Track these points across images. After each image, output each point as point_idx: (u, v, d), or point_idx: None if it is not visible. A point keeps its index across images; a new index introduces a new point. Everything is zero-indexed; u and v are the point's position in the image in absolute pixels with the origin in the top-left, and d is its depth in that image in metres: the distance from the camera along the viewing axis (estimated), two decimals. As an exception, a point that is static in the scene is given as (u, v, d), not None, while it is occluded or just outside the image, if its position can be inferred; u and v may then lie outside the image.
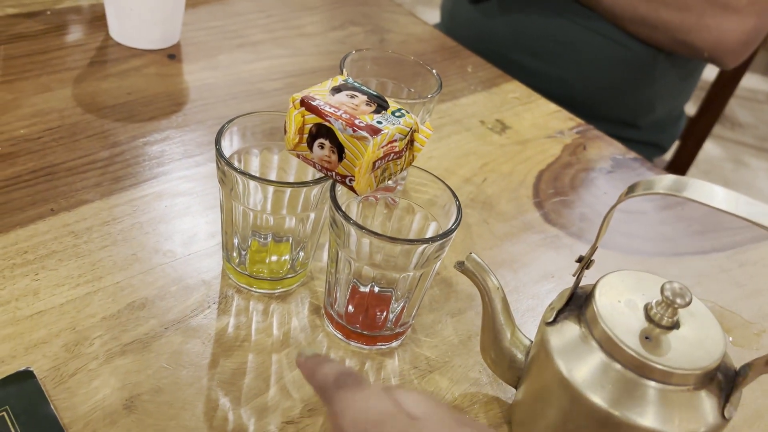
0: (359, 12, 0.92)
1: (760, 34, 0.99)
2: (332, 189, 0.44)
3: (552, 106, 0.81)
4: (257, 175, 0.50)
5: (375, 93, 0.42)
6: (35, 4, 0.77)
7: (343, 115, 0.40)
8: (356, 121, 0.39)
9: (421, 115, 0.57)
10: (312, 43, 0.83)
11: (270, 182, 0.44)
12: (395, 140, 0.41)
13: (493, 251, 0.58)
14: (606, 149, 0.75)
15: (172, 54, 0.75)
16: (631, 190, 0.37)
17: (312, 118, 0.40)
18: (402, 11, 0.95)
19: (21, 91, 0.64)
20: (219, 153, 0.44)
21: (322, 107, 0.40)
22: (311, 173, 0.53)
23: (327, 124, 0.40)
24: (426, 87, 0.59)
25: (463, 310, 0.52)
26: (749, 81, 3.01)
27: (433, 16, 2.37)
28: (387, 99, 0.42)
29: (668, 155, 1.48)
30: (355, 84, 0.43)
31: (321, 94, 0.41)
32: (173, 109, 0.66)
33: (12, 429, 0.38)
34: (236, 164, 0.46)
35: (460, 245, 0.58)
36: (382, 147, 0.40)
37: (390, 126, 0.40)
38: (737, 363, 0.39)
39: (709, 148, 2.60)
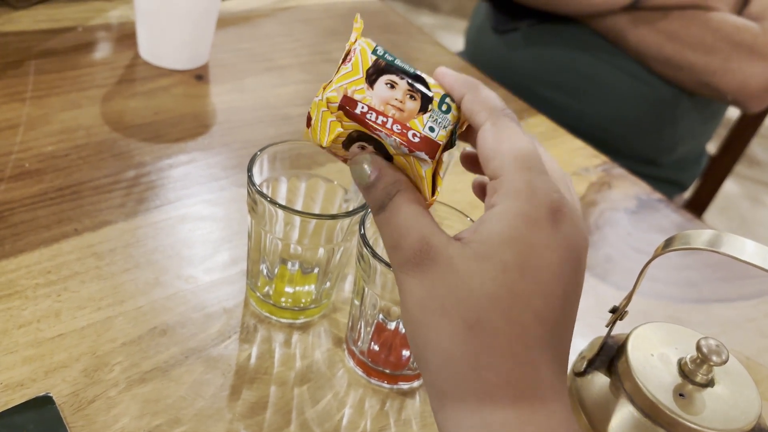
0: (386, 40, 0.92)
1: (785, 80, 0.99)
2: (362, 223, 0.43)
3: (577, 143, 0.81)
4: (284, 203, 0.50)
5: (411, 71, 0.35)
6: (67, 20, 0.77)
7: (395, 128, 0.33)
8: (410, 135, 0.33)
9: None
10: (339, 70, 0.83)
11: (302, 214, 0.44)
12: (447, 142, 0.35)
13: (517, 290, 0.57)
14: (631, 189, 0.75)
15: (200, 75, 0.75)
16: (668, 244, 0.36)
17: (353, 125, 0.34)
18: (429, 40, 0.96)
19: (50, 107, 0.64)
20: (251, 182, 0.44)
21: (369, 118, 0.33)
22: (338, 202, 0.52)
23: (376, 137, 0.34)
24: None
25: (486, 350, 0.51)
26: (768, 119, 3.00)
27: (454, 41, 2.37)
28: (425, 78, 0.36)
29: (687, 193, 1.48)
30: (389, 60, 0.35)
31: (358, 87, 0.34)
32: (199, 131, 0.66)
33: (29, 456, 0.37)
34: (265, 191, 0.45)
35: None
36: (440, 160, 0.35)
37: (443, 131, 0.34)
38: (765, 416, 0.38)
39: (727, 186, 2.58)
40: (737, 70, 0.97)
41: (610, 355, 0.39)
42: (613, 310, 0.39)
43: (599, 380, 0.38)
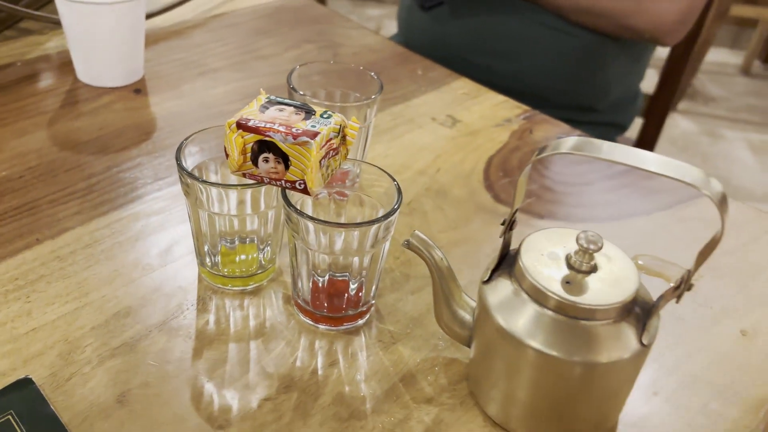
0: (313, 30, 0.98)
1: (693, 12, 1.05)
2: (283, 188, 0.48)
3: (500, 98, 0.86)
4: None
5: (299, 103, 0.48)
6: (4, 57, 0.82)
7: (280, 128, 0.44)
8: (293, 130, 0.44)
9: (368, 115, 0.62)
10: (268, 64, 0.88)
11: (227, 186, 0.49)
12: (331, 138, 0.46)
13: (449, 233, 0.63)
14: (552, 130, 0.80)
15: (138, 89, 0.80)
16: (541, 151, 0.41)
17: (252, 137, 0.45)
18: (353, 25, 1.01)
19: None
20: (180, 167, 0.49)
21: (258, 125, 0.44)
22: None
23: (268, 138, 0.45)
24: (371, 90, 0.64)
25: (422, 287, 0.57)
26: (717, 55, 3.09)
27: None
28: (311, 105, 0.48)
29: (634, 133, 1.54)
30: (278, 99, 0.48)
31: (252, 114, 0.46)
32: (143, 138, 0.71)
33: (18, 430, 0.42)
34: (196, 174, 0.50)
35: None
36: (323, 147, 0.45)
37: (323, 127, 0.45)
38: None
39: (685, 125, 2.66)
40: (650, 9, 1.03)
41: (510, 263, 0.45)
42: (503, 223, 0.45)
43: (502, 285, 0.44)
